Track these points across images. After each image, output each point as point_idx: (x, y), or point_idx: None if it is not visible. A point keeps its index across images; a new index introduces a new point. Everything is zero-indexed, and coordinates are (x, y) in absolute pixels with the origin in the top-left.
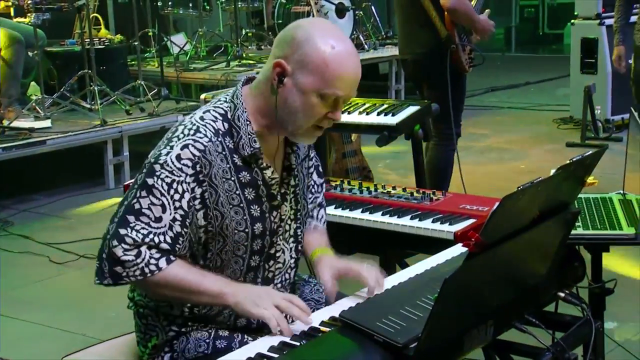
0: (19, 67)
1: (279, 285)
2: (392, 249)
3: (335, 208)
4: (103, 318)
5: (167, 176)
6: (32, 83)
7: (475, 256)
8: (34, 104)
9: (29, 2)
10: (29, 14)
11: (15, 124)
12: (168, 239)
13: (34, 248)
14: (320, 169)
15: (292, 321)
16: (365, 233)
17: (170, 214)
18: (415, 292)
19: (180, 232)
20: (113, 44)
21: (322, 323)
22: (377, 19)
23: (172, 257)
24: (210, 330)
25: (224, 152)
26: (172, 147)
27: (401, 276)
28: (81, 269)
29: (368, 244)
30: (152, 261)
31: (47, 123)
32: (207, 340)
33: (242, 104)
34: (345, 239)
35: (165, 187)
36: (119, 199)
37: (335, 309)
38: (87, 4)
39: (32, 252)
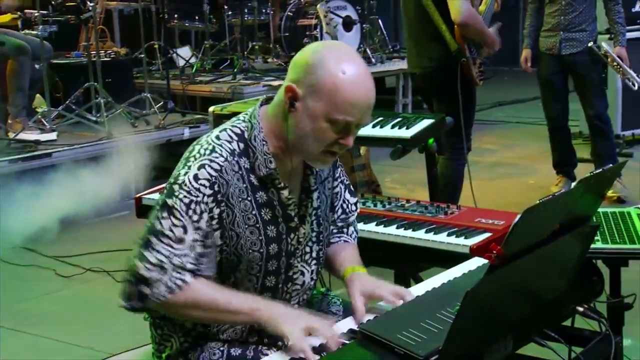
0: (25, 78)
1: (296, 306)
2: (407, 263)
3: None
4: (111, 331)
5: (185, 196)
6: (38, 95)
7: (497, 269)
8: (39, 116)
9: (36, 14)
10: (35, 26)
11: (21, 136)
12: (191, 260)
13: (39, 261)
14: (352, 187)
15: None
16: (380, 247)
17: (191, 235)
18: (434, 305)
19: (202, 253)
20: (119, 56)
21: (341, 335)
22: (385, 32)
23: (197, 273)
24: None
25: (240, 172)
26: (189, 167)
27: (418, 289)
28: (88, 282)
29: (382, 257)
30: (177, 275)
31: (52, 136)
32: (222, 348)
33: (258, 124)
34: (360, 252)
35: (184, 208)
36: (125, 213)
37: (354, 322)
38: (93, 16)
39: (38, 265)
